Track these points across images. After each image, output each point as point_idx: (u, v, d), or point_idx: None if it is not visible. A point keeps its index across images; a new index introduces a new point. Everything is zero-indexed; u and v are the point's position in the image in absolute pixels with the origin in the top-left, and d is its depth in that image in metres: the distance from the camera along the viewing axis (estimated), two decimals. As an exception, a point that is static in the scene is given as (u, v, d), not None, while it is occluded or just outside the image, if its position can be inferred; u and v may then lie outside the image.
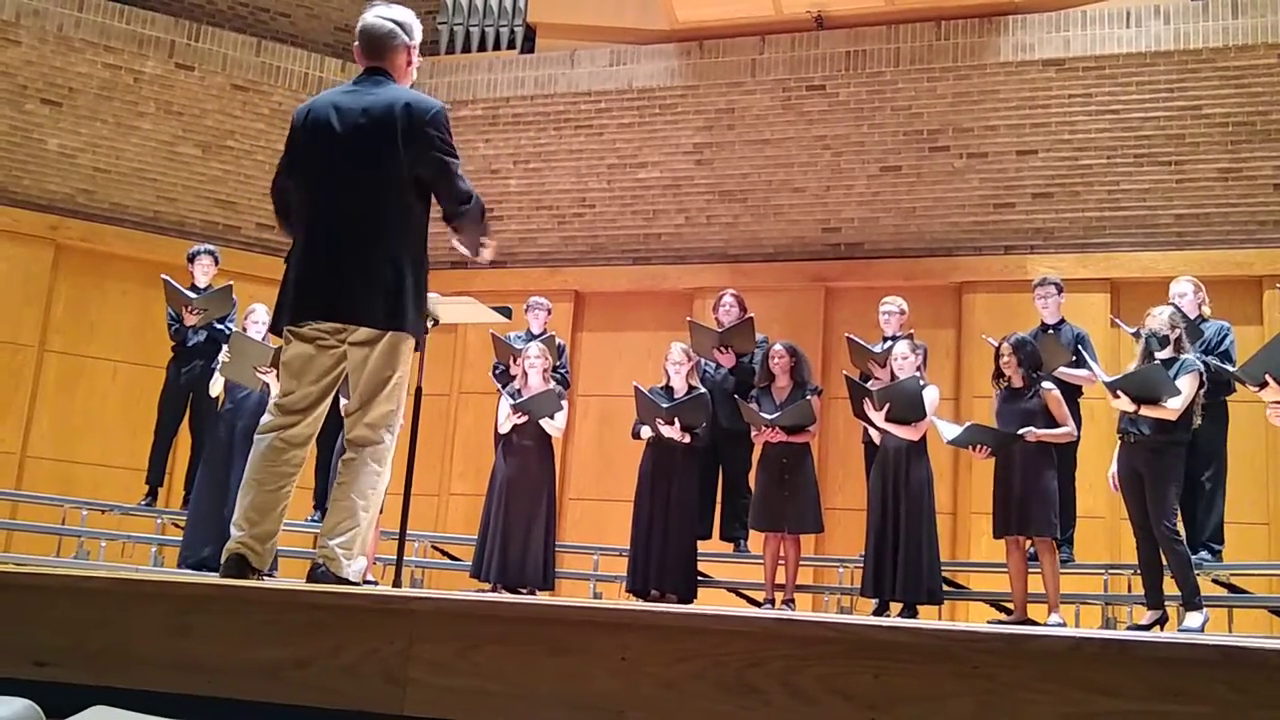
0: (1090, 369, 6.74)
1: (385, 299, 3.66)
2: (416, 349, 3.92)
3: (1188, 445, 6.05)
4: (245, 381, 7.40)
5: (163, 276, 8.35)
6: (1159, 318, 6.17)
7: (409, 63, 3.96)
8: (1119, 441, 6.21)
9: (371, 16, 3.92)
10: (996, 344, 6.65)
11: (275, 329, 3.90)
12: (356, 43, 3.96)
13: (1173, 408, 5.90)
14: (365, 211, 3.69)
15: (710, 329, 7.83)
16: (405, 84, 3.94)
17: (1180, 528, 6.08)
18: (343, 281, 3.67)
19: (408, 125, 3.70)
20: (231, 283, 8.44)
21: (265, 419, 3.82)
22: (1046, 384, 6.47)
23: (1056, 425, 6.41)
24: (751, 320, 7.75)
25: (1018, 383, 6.48)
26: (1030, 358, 6.48)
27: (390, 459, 3.80)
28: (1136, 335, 6.63)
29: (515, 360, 8.04)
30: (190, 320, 8.22)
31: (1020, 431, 6.34)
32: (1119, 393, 6.06)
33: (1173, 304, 6.72)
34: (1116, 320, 7.52)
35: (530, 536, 7.23)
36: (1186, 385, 5.92)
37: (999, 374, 6.59)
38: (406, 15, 3.97)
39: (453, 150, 3.79)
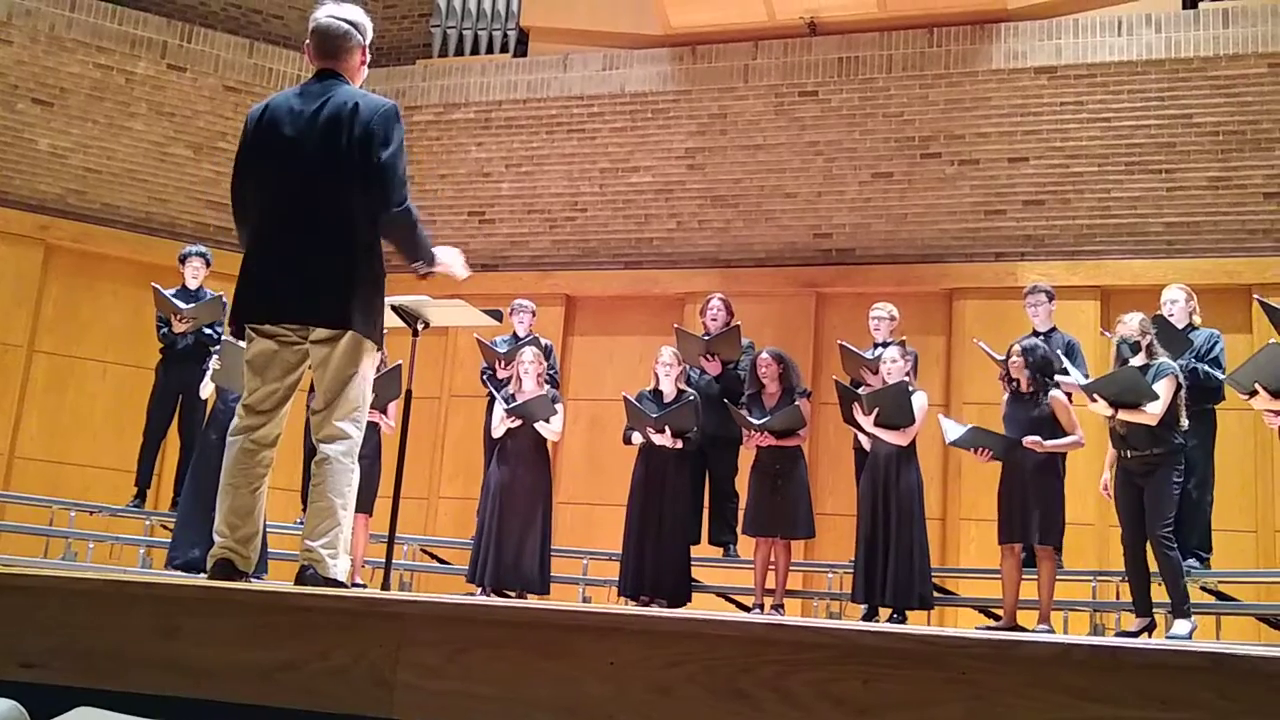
0: (1072, 375, 6.77)
1: (337, 299, 3.67)
2: (379, 348, 3.91)
3: (1181, 452, 6.05)
4: (237, 388, 7.38)
5: (153, 285, 8.32)
6: (1129, 325, 6.19)
7: (362, 63, 3.97)
8: (1115, 453, 6.21)
9: (324, 16, 3.91)
10: (1000, 354, 6.63)
11: (236, 327, 3.86)
12: (309, 41, 3.94)
13: (1152, 412, 5.90)
14: (320, 213, 3.70)
15: (697, 337, 7.83)
16: (357, 84, 3.94)
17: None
18: (300, 282, 3.68)
19: (356, 125, 3.70)
20: (222, 293, 8.42)
21: (234, 421, 3.82)
22: (1054, 391, 6.44)
23: (1063, 432, 6.39)
24: (738, 328, 7.74)
25: (1025, 386, 6.46)
26: (1041, 363, 6.45)
27: (357, 453, 3.79)
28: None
29: (501, 364, 8.03)
30: (179, 328, 8.20)
31: (1025, 440, 6.30)
32: (1095, 396, 6.07)
33: (1160, 313, 6.75)
34: (1106, 333, 7.54)
35: (525, 542, 7.21)
36: (1163, 389, 5.92)
37: (1007, 376, 6.55)
38: (360, 15, 3.97)
39: (396, 150, 3.75)
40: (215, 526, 3.78)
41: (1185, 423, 6.04)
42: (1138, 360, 6.08)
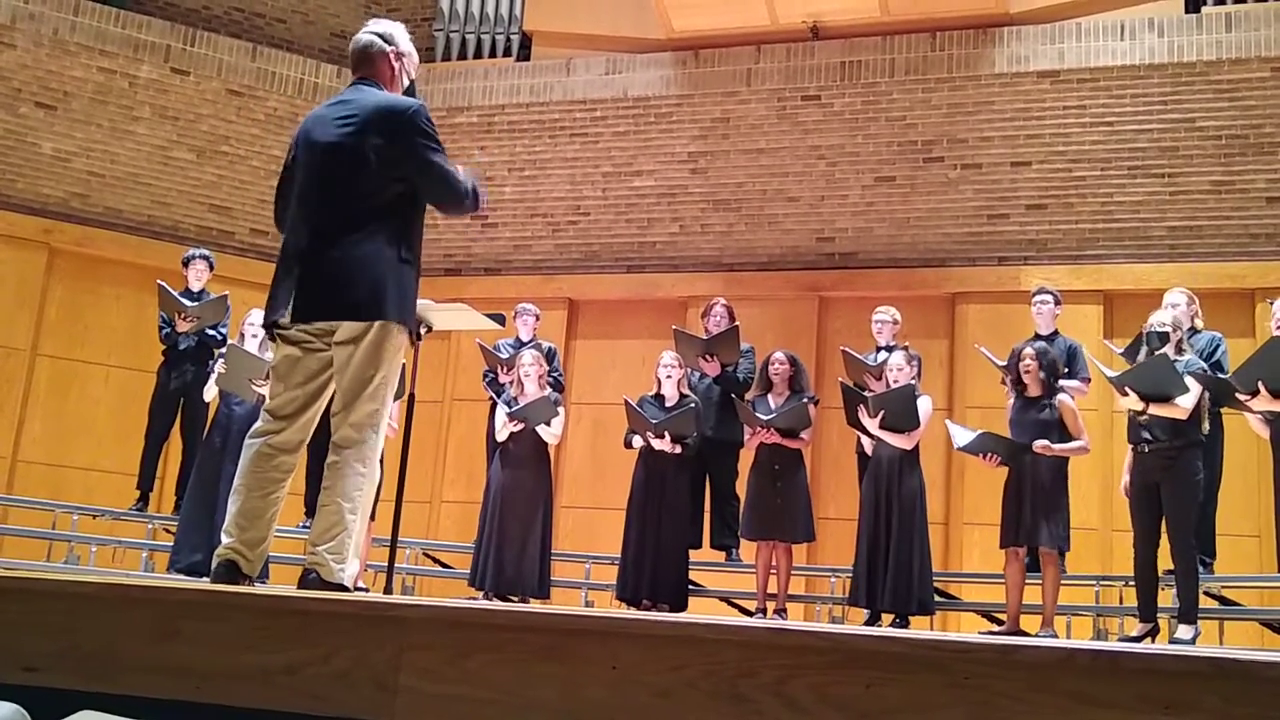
0: (1078, 384, 6.78)
1: (364, 293, 3.69)
2: (411, 343, 3.94)
3: (1200, 446, 5.98)
4: (241, 393, 7.40)
5: (158, 282, 8.35)
6: (1162, 317, 6.18)
7: (394, 69, 4.02)
8: (1131, 452, 6.18)
9: (359, 33, 4.06)
10: (1002, 360, 6.61)
11: (266, 329, 3.96)
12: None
13: (1184, 406, 5.84)
14: (343, 216, 3.73)
15: (695, 337, 7.83)
16: (395, 90, 4.01)
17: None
18: (321, 282, 3.71)
19: (383, 129, 3.75)
20: (227, 293, 8.44)
21: (256, 424, 3.84)
22: (1062, 395, 6.42)
23: (1070, 436, 6.36)
24: (736, 329, 7.73)
25: (1036, 391, 6.41)
26: (1050, 366, 6.44)
27: (376, 459, 3.79)
28: (1128, 352, 6.66)
29: (503, 368, 8.02)
30: (183, 327, 8.22)
31: (1035, 445, 6.26)
32: (1126, 390, 6.01)
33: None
34: (1108, 344, 7.54)
35: (526, 546, 7.22)
36: (1193, 383, 5.90)
37: (1016, 380, 6.53)
38: (389, 26, 4.07)
39: (435, 147, 3.82)
40: (224, 526, 3.78)
41: (1207, 426, 5.99)
42: (1166, 351, 6.04)
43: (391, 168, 3.74)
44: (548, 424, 7.38)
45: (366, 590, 6.91)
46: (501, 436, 7.41)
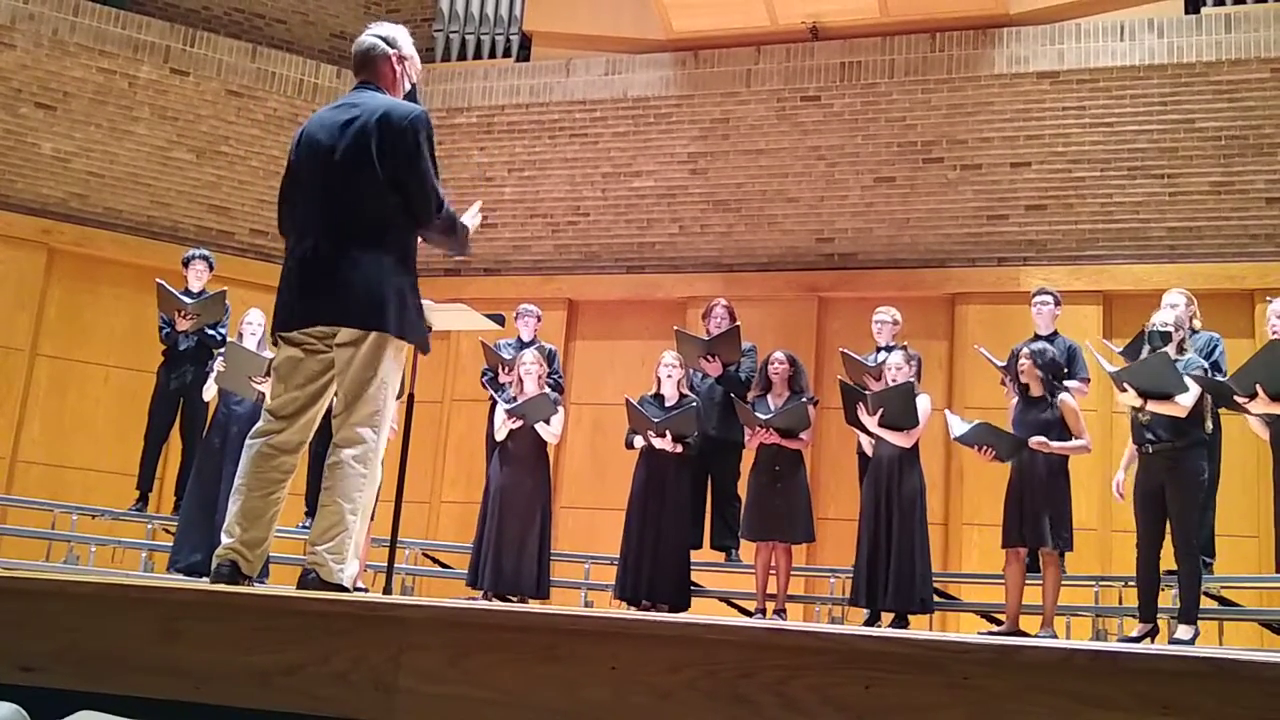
0: (1078, 384, 6.76)
1: (364, 300, 3.69)
2: (420, 350, 3.95)
3: (1204, 445, 5.96)
4: (241, 391, 7.40)
5: (157, 280, 8.35)
6: (1164, 316, 6.18)
7: (396, 72, 4.03)
8: (1131, 450, 6.16)
9: (361, 36, 4.06)
10: (1001, 361, 6.60)
11: (271, 337, 3.97)
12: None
13: (1184, 404, 5.82)
14: (345, 219, 3.74)
15: (697, 337, 7.83)
16: (396, 93, 4.01)
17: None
18: (323, 286, 3.72)
19: (384, 133, 3.75)
20: (225, 289, 8.44)
21: (257, 425, 3.86)
22: (1063, 395, 6.40)
23: (1071, 436, 6.32)
24: (737, 329, 7.73)
25: (1037, 391, 6.40)
26: (1050, 365, 6.43)
27: (377, 460, 3.79)
28: (1129, 351, 6.66)
29: (504, 368, 8.02)
30: (183, 325, 8.21)
31: (1031, 440, 6.24)
32: (1125, 385, 6.00)
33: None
34: (1107, 343, 7.55)
35: (524, 545, 7.23)
36: (1192, 383, 5.90)
37: (1016, 381, 6.51)
38: (391, 29, 4.07)
39: (425, 158, 3.80)
40: (224, 527, 3.78)
41: (1210, 425, 5.98)
42: (1168, 350, 6.04)
43: (392, 171, 3.75)
44: (547, 422, 7.38)
45: (366, 590, 6.91)
46: (501, 435, 7.41)
